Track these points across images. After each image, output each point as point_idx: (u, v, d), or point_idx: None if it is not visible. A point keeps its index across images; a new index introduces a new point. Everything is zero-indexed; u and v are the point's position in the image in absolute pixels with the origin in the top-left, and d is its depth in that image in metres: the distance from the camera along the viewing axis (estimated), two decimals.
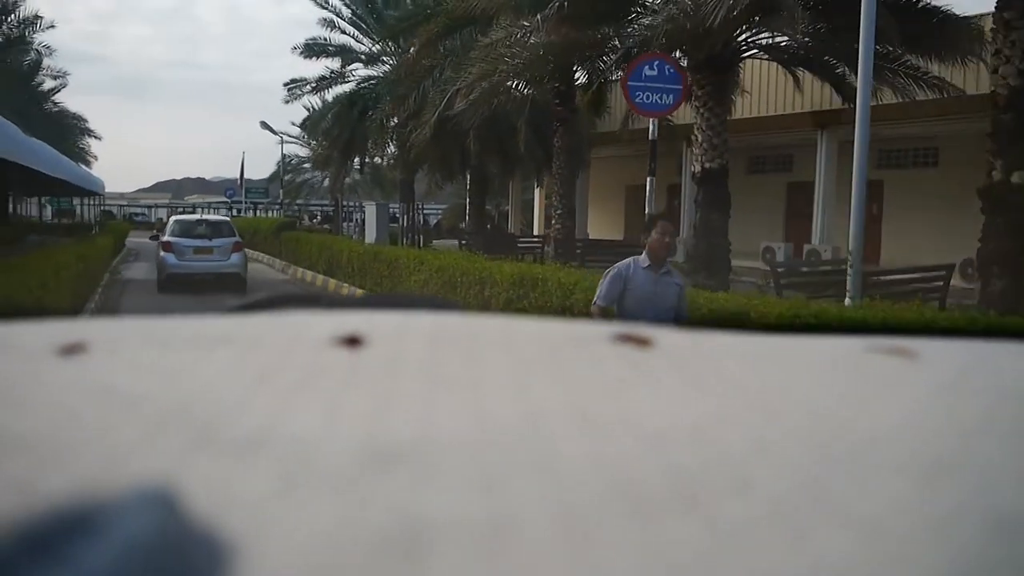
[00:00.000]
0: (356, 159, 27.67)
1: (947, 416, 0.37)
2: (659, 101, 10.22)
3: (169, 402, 0.36)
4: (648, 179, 10.61)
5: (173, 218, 18.44)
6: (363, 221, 26.30)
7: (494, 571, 0.25)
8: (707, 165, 12.90)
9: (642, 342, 0.45)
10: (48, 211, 38.49)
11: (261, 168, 40.71)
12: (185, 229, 16.38)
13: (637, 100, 10.21)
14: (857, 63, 7.99)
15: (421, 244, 21.79)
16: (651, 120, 11.01)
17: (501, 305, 9.36)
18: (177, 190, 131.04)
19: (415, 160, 22.14)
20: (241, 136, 61.71)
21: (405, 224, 25.55)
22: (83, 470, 0.30)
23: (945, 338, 0.52)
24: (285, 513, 0.27)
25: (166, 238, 16.13)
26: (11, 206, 33.31)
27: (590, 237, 23.18)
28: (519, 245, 20.21)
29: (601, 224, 26.94)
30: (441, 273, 11.46)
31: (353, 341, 0.44)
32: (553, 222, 17.64)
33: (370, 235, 22.25)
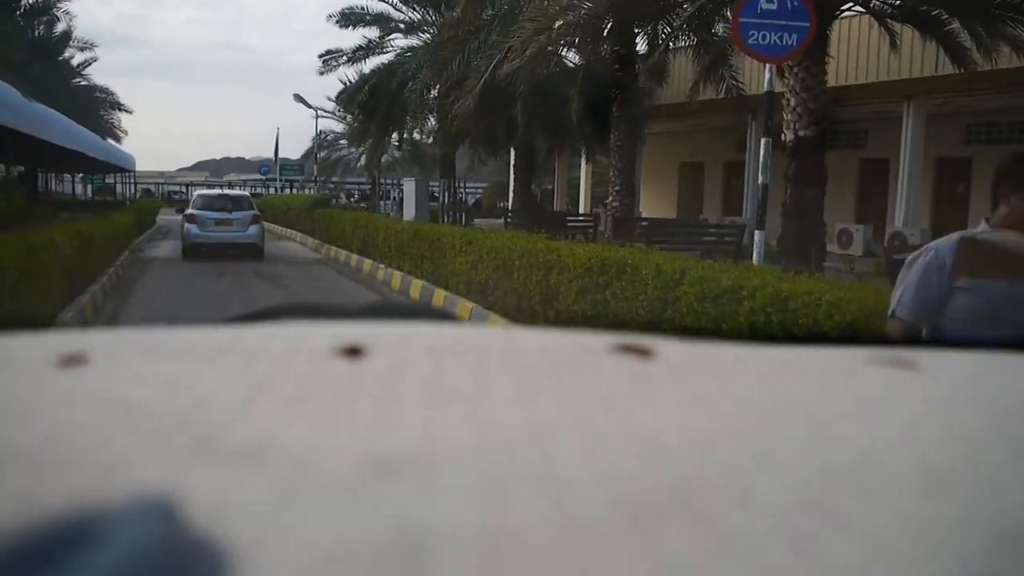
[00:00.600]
0: (394, 134, 25.92)
1: (949, 428, 0.37)
2: (779, 42, 8.10)
3: (169, 412, 0.36)
4: (763, 141, 8.63)
5: (197, 192, 19.79)
6: (401, 198, 24.62)
7: None
8: (801, 133, 11.01)
9: (643, 352, 0.45)
10: (88, 189, 37.15)
11: (297, 148, 39.77)
12: (208, 203, 17.64)
13: (750, 40, 8.14)
14: (972, 16, 5.98)
15: (463, 223, 20.08)
16: (768, 68, 8.89)
17: (573, 297, 7.56)
18: (216, 169, 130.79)
19: (457, 133, 20.40)
20: (280, 117, 60.40)
21: (445, 202, 23.79)
22: (82, 480, 0.30)
23: (947, 350, 0.51)
24: (285, 524, 0.27)
25: (190, 211, 17.40)
26: (44, 183, 32.10)
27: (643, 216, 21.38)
28: (569, 224, 18.39)
29: (652, 204, 25.00)
30: (494, 255, 9.63)
31: (354, 351, 0.44)
32: (610, 199, 15.84)
33: (408, 212, 20.65)
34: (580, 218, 21.79)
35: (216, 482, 0.30)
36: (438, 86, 20.98)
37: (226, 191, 21.63)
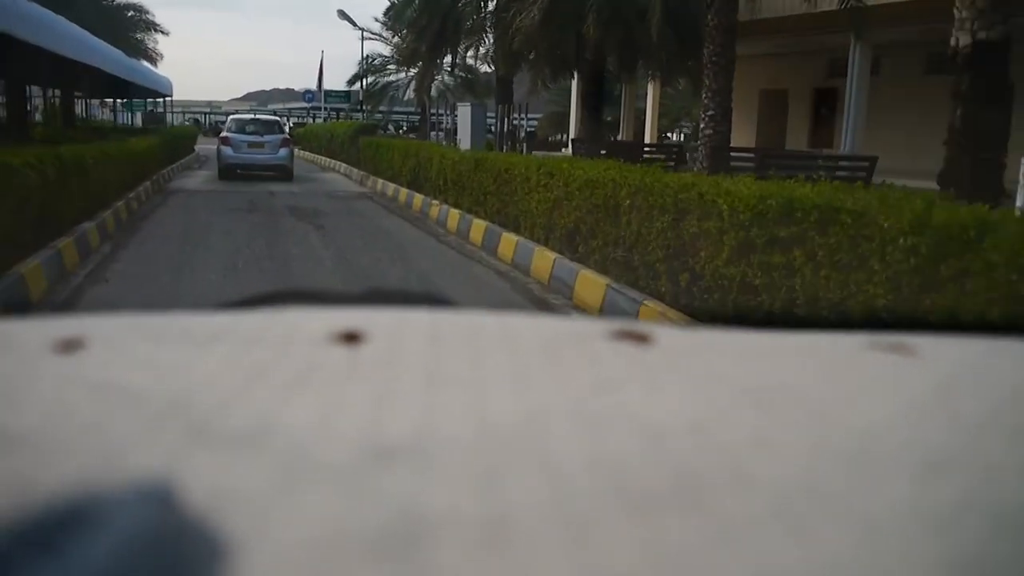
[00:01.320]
0: (447, 57, 23.32)
1: (947, 413, 0.37)
2: None
3: (166, 398, 0.35)
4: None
5: (231, 117, 21.39)
6: (454, 126, 22.14)
7: (493, 568, 0.25)
8: (980, 35, 8.34)
9: (641, 338, 0.45)
10: (135, 117, 34.97)
11: (343, 78, 37.49)
12: (240, 126, 18.79)
13: None
14: None
15: (524, 152, 17.64)
16: None
17: (727, 256, 5.12)
18: (265, 99, 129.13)
19: (518, 51, 17.77)
20: (328, 46, 57.35)
21: (503, 131, 21.26)
22: (80, 466, 0.30)
23: (946, 334, 0.51)
24: (283, 509, 0.27)
25: (224, 134, 18.65)
26: (84, 109, 30.14)
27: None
28: (646, 155, 15.86)
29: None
30: (589, 191, 7.17)
31: (351, 337, 0.43)
32: (703, 126, 13.27)
33: (464, 141, 18.23)
34: (660, 147, 19.18)
35: (213, 467, 0.29)
36: None
37: (258, 115, 22.93)
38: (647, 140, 23.02)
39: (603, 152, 14.41)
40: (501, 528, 0.26)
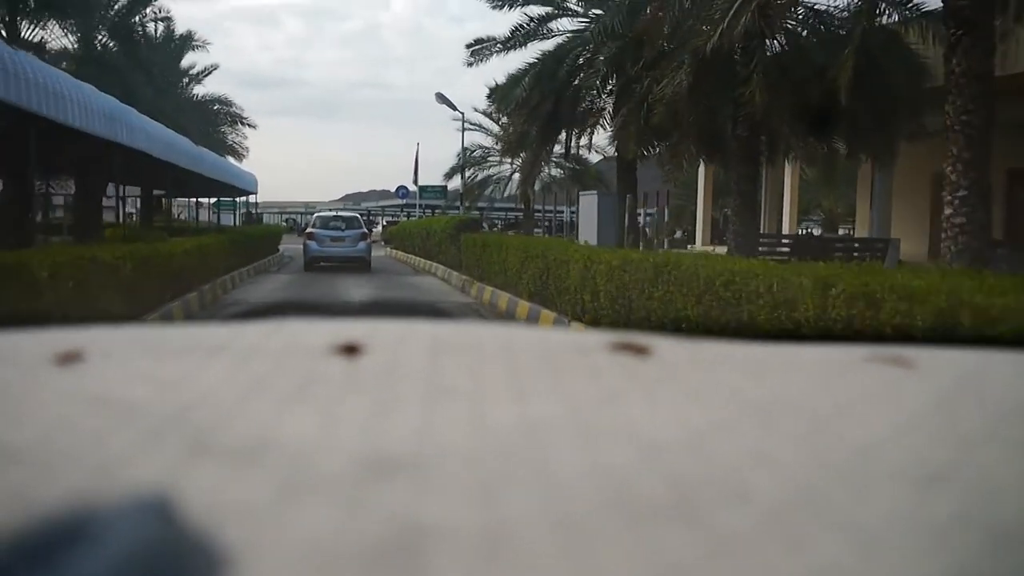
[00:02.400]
0: (562, 138, 19.78)
1: (945, 426, 0.37)
2: None
3: (165, 411, 0.35)
4: None
5: (316, 214, 23.08)
6: (568, 220, 18.41)
7: None
8: None
9: (640, 351, 0.45)
10: (230, 217, 32.58)
11: (436, 177, 35.72)
12: (324, 223, 20.33)
13: None
14: None
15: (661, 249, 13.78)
16: None
17: None
18: (361, 201, 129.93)
19: (658, 124, 14.01)
20: (423, 152, 55.63)
21: (626, 226, 17.42)
22: (79, 478, 0.29)
23: (944, 347, 0.51)
24: (282, 521, 0.27)
25: (309, 229, 20.28)
26: (162, 206, 27.89)
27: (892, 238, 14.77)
28: (838, 252, 11.81)
29: (903, 228, 17.95)
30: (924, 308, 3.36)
31: (351, 349, 0.43)
32: (950, 212, 9.22)
33: (587, 236, 14.39)
34: (862, 241, 15.05)
35: (213, 480, 0.29)
36: (623, 69, 14.86)
37: (339, 212, 23.78)
38: (785, 228, 18.96)
39: (762, 249, 10.46)
40: (499, 539, 0.26)
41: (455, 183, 30.58)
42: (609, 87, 17.23)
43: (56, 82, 9.86)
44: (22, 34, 17.71)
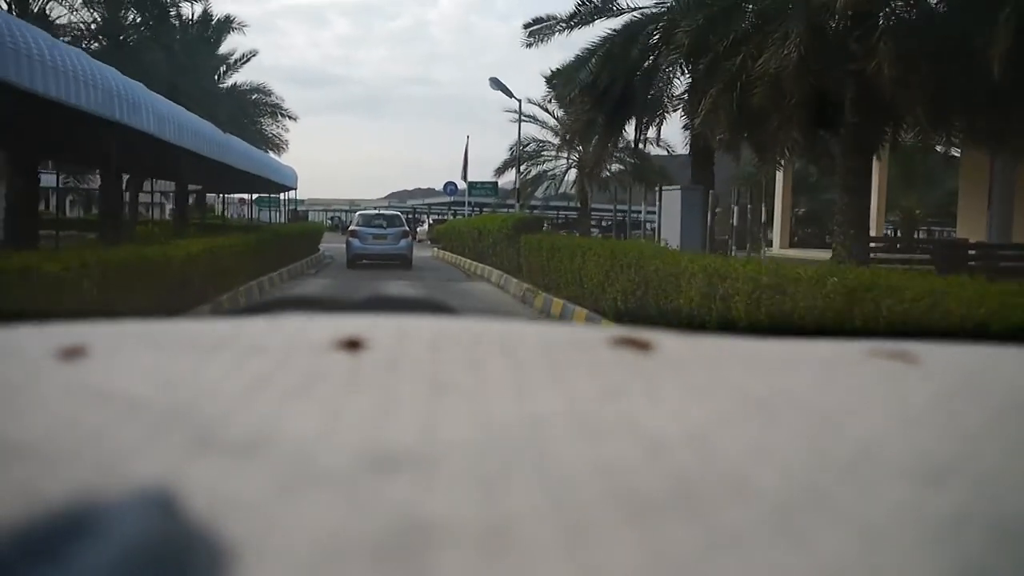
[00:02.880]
0: (631, 125, 17.63)
1: (949, 421, 0.37)
2: None
3: (168, 406, 0.36)
4: None
5: (358, 212, 24.37)
6: (641, 220, 16.28)
7: (494, 574, 0.25)
8: None
9: (642, 346, 0.45)
10: (274, 214, 30.95)
11: (486, 173, 33.75)
12: (367, 221, 21.05)
13: None
14: None
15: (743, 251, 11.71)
16: None
17: None
18: (406, 199, 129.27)
19: (759, 104, 11.82)
20: (474, 148, 53.39)
21: (710, 223, 15.23)
22: (82, 473, 0.30)
23: (947, 342, 0.51)
24: (284, 517, 0.28)
25: (352, 227, 20.95)
26: (196, 201, 26.37)
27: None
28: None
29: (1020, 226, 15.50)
30: None
31: (353, 344, 0.44)
32: None
33: (670, 237, 12.35)
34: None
35: (216, 475, 0.30)
36: (706, 46, 12.70)
37: (381, 211, 24.62)
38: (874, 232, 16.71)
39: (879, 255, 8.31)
40: (502, 535, 0.27)
41: (506, 179, 28.58)
42: (690, 67, 15.04)
43: (75, 63, 8.92)
44: (32, 7, 15.92)
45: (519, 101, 26.35)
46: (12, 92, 7.62)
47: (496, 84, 25.85)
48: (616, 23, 16.99)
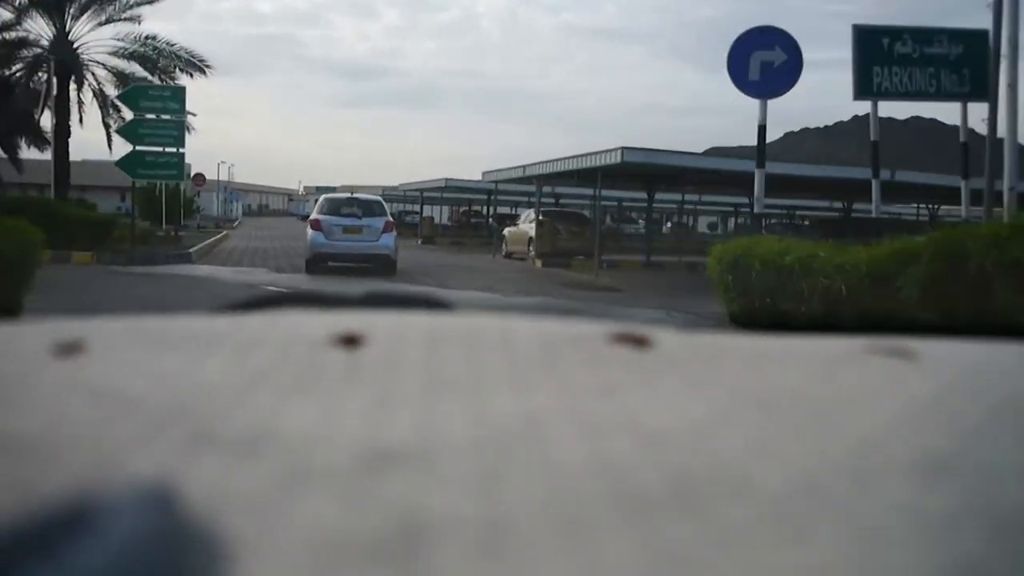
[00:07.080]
0: None
1: (947, 417, 0.37)
2: None
3: (166, 403, 0.36)
4: None
5: (323, 196, 17.43)
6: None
7: (492, 571, 0.25)
8: None
9: (640, 342, 0.45)
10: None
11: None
12: (334, 207, 15.39)
13: None
14: None
15: None
16: None
17: None
18: (448, 189, 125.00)
19: None
20: (519, 140, 47.62)
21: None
22: (80, 470, 0.30)
23: (946, 338, 0.51)
24: (283, 513, 0.28)
25: (314, 216, 15.29)
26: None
27: None
28: None
29: None
30: None
31: (351, 341, 0.44)
32: None
33: None
34: None
35: (213, 471, 0.30)
36: None
37: (356, 195, 17.38)
38: None
39: None
40: (500, 531, 0.27)
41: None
42: None
43: None
44: None
45: None
46: None
47: None
48: None
